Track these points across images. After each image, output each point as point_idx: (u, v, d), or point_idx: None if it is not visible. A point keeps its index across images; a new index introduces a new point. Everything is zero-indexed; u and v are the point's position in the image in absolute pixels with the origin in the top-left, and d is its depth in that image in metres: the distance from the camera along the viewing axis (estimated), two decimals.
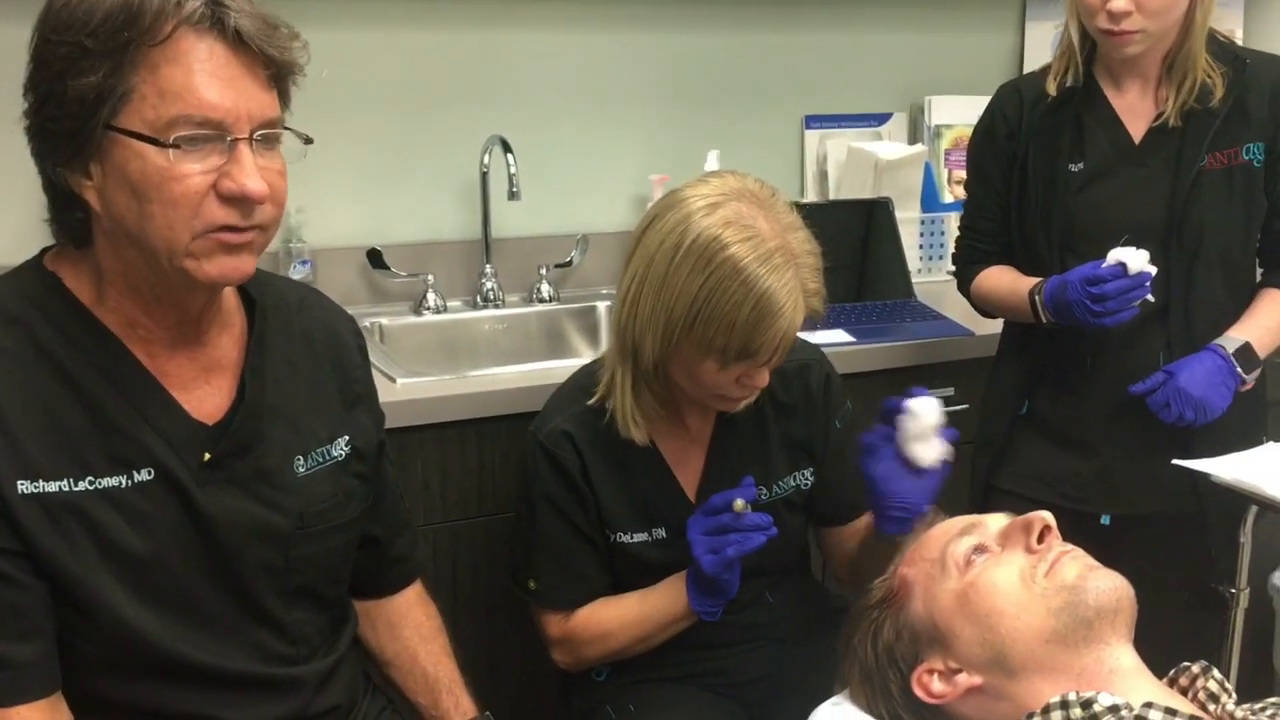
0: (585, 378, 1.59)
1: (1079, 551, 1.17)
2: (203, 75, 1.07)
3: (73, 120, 1.06)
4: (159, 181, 1.07)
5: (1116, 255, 1.66)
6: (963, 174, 2.07)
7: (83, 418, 1.14)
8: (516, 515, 1.62)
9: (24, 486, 1.11)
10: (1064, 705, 1.05)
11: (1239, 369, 1.72)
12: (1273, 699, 1.10)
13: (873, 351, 2.14)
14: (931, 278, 2.68)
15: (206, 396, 1.22)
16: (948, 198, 2.79)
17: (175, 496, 1.18)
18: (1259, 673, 2.23)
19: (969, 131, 2.00)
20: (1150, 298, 1.68)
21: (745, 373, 1.43)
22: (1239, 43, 1.83)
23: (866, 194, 2.60)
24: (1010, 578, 1.15)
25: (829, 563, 1.72)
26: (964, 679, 1.15)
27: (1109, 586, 1.12)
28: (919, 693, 1.18)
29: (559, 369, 1.74)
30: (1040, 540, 1.17)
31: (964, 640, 1.15)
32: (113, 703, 1.20)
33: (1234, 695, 1.12)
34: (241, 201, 1.09)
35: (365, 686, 1.45)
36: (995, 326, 2.04)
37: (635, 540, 1.56)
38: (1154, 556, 1.80)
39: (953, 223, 2.54)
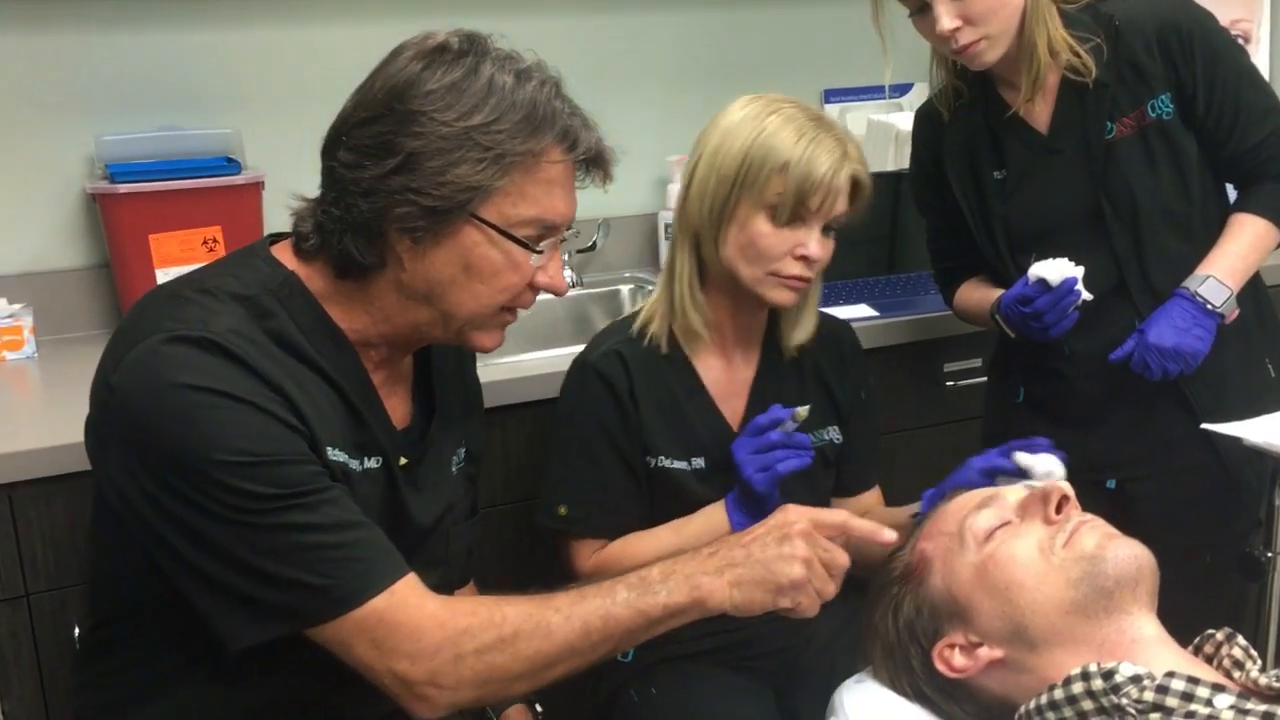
0: (631, 318, 1.67)
1: (1098, 521, 1.17)
2: (562, 190, 1.19)
3: (441, 200, 1.13)
4: (501, 269, 1.17)
5: (1035, 272, 1.67)
6: None
7: (334, 402, 1.20)
8: (553, 443, 1.64)
9: (330, 452, 1.17)
10: (1085, 676, 1.04)
11: (1210, 305, 1.68)
12: None
13: (895, 325, 2.13)
14: None
15: (397, 405, 1.30)
16: None
17: (388, 487, 1.26)
18: None
19: None
20: (1087, 296, 1.67)
21: (799, 242, 1.51)
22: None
23: (888, 166, 2.57)
24: (1029, 549, 1.14)
25: None
26: (985, 652, 1.14)
27: (1129, 555, 1.11)
28: (941, 667, 1.17)
29: None
30: (1058, 511, 1.16)
31: (984, 614, 1.14)
32: (257, 687, 1.22)
33: (1259, 662, 1.11)
34: (540, 292, 1.22)
35: None
36: None
37: (675, 466, 1.60)
38: (1176, 519, 1.77)
39: None
